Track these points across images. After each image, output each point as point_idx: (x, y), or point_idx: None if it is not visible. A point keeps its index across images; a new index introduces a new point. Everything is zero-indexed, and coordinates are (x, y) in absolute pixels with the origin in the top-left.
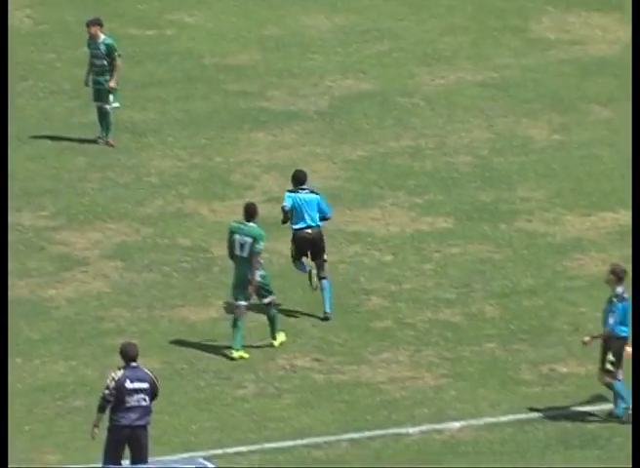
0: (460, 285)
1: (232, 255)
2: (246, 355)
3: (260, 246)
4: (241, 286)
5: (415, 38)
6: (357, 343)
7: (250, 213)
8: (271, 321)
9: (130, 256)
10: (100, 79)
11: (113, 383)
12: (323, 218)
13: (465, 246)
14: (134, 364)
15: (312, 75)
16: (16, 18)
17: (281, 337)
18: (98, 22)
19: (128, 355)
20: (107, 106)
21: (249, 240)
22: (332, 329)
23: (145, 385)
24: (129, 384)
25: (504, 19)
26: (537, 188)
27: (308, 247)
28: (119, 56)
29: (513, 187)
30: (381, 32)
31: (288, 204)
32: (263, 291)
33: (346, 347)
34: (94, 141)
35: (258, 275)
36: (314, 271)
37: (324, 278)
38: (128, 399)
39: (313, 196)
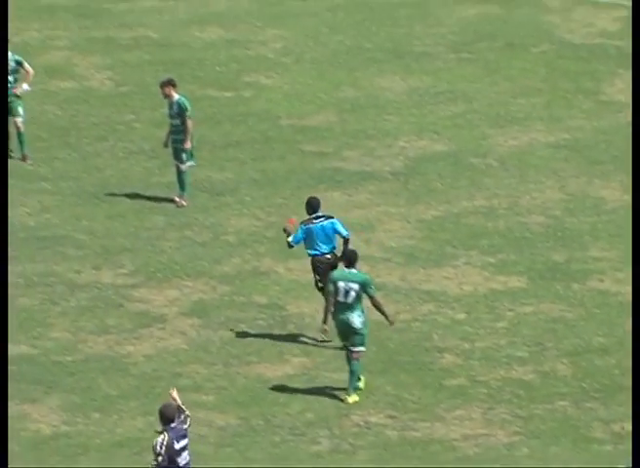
0: (532, 343)
1: (333, 304)
2: (356, 398)
3: (374, 289)
4: (346, 332)
5: (488, 100)
6: (431, 400)
7: (351, 260)
8: (352, 374)
9: (207, 314)
10: (176, 138)
11: (164, 449)
12: (345, 240)
13: (538, 305)
14: (172, 424)
15: (387, 136)
16: (96, 79)
17: (354, 397)
18: (170, 83)
19: (166, 416)
20: (182, 165)
21: (355, 286)
22: (406, 386)
23: (187, 441)
24: (176, 445)
25: (577, 81)
26: (609, 248)
27: (329, 269)
28: (189, 116)
29: (585, 247)
30: (455, 94)
31: (295, 241)
32: (358, 338)
33: (420, 404)
34: (172, 201)
35: (360, 321)
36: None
37: None
38: (178, 459)
39: (328, 222)
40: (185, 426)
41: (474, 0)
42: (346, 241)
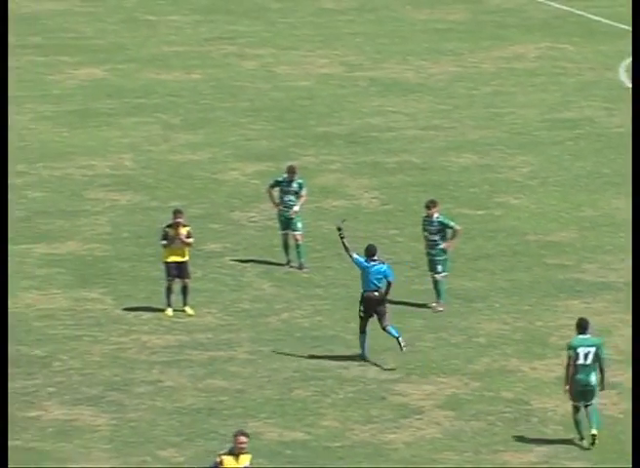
0: None
1: (572, 366)
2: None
3: (604, 352)
4: (584, 389)
5: None
6: None
7: (584, 326)
8: (593, 414)
9: (459, 407)
10: (432, 252)
11: None
12: (388, 283)
13: None
14: None
15: (622, 251)
16: (364, 199)
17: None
18: (434, 203)
19: None
20: (437, 275)
21: (593, 349)
22: None
23: None
24: None
25: None
26: None
27: (375, 305)
28: (451, 228)
29: None
30: None
31: (356, 260)
32: (594, 394)
33: None
34: (429, 306)
35: (595, 379)
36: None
37: (388, 325)
38: None
39: (381, 266)
40: None
41: None
42: (389, 284)
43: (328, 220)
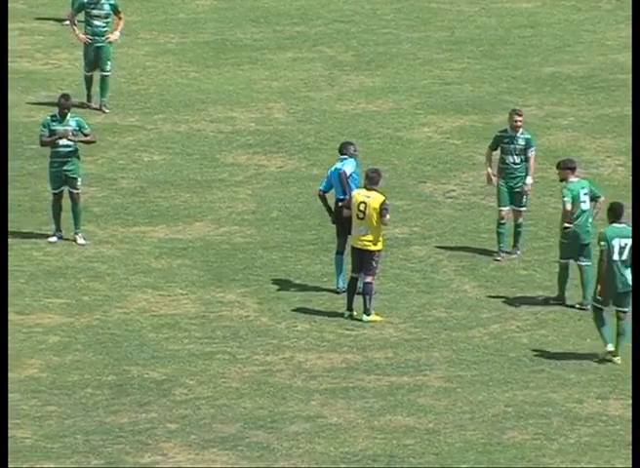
0: None
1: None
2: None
3: None
4: (622, 291)
5: None
6: None
7: (621, 213)
8: (622, 335)
9: None
10: None
11: None
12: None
13: None
14: None
15: None
16: (607, 166)
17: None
18: (568, 166)
19: None
20: None
21: (629, 241)
22: None
23: None
24: None
25: None
26: None
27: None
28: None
29: None
30: None
31: (322, 187)
32: (629, 298)
33: None
34: None
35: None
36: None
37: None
38: None
39: (341, 163)
40: None
41: None
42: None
43: (556, 196)
